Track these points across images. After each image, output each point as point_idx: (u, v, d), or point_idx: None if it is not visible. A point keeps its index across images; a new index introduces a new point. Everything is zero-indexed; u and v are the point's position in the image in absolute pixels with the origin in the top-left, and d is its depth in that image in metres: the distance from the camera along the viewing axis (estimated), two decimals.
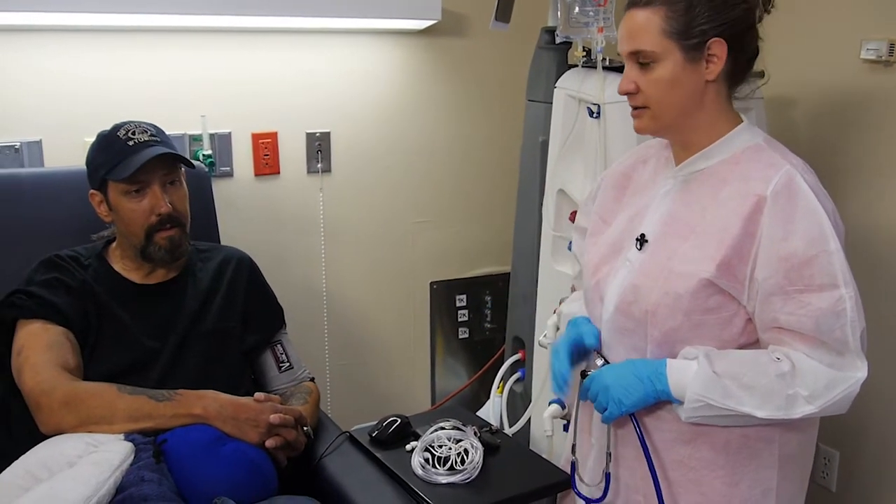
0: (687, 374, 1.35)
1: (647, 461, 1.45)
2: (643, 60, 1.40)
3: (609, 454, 1.53)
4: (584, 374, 1.50)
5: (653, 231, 1.47)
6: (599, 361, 1.50)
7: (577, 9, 2.00)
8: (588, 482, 1.59)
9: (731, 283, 1.36)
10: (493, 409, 2.43)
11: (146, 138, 1.77)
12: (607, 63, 2.00)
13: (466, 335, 2.85)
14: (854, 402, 1.35)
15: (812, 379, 1.32)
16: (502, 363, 2.50)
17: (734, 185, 1.38)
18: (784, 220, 1.32)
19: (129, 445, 1.52)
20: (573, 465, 1.62)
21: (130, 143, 1.75)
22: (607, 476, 1.53)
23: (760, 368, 1.33)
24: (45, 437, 1.57)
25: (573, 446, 1.63)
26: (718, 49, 1.37)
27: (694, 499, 1.45)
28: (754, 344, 1.40)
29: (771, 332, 1.36)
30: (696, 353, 1.36)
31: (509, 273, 2.53)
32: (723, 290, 1.36)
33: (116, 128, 1.79)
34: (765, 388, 1.32)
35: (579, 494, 1.60)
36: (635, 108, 1.45)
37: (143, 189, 1.76)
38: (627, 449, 1.51)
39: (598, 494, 1.55)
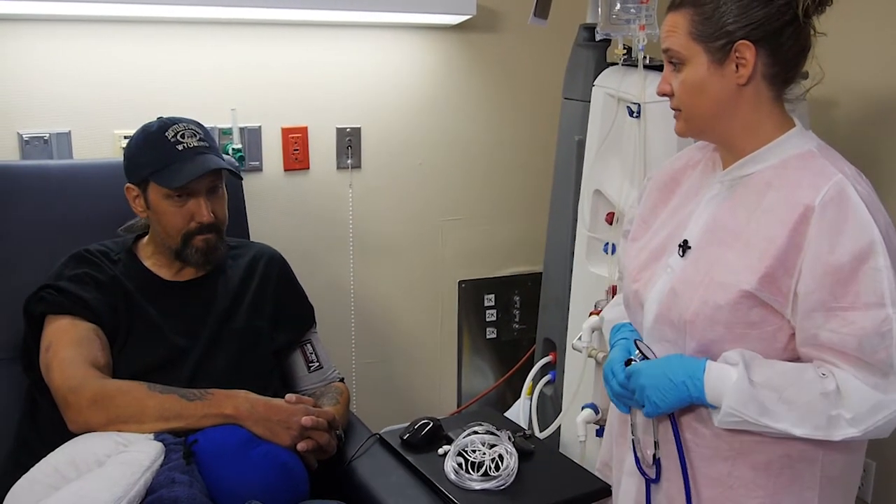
0: (725, 382, 1.29)
1: (680, 457, 1.40)
2: (673, 61, 1.38)
3: (656, 442, 1.46)
4: (627, 363, 1.44)
5: (696, 237, 1.42)
6: (638, 354, 1.43)
7: (618, 5, 1.95)
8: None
9: (774, 297, 1.30)
10: (522, 411, 2.39)
11: (195, 143, 1.73)
12: (648, 61, 1.95)
13: (494, 335, 2.81)
14: None
15: (857, 401, 1.25)
16: (531, 365, 2.46)
17: (781, 191, 1.32)
18: (832, 233, 1.26)
19: (158, 446, 1.49)
20: (633, 444, 1.53)
21: (179, 146, 1.71)
22: (658, 461, 1.47)
23: (804, 384, 1.27)
24: (72, 434, 1.55)
25: (632, 426, 1.55)
26: (746, 52, 1.31)
27: None
28: (798, 360, 1.34)
29: (810, 348, 1.30)
30: (737, 359, 1.30)
31: (539, 273, 2.50)
32: (765, 302, 1.30)
33: (164, 126, 1.73)
34: (806, 405, 1.26)
35: (642, 472, 1.52)
36: (674, 111, 1.43)
37: (187, 196, 1.72)
38: (665, 446, 1.46)
39: (653, 476, 1.49)
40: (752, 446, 1.35)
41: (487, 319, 2.79)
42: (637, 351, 1.43)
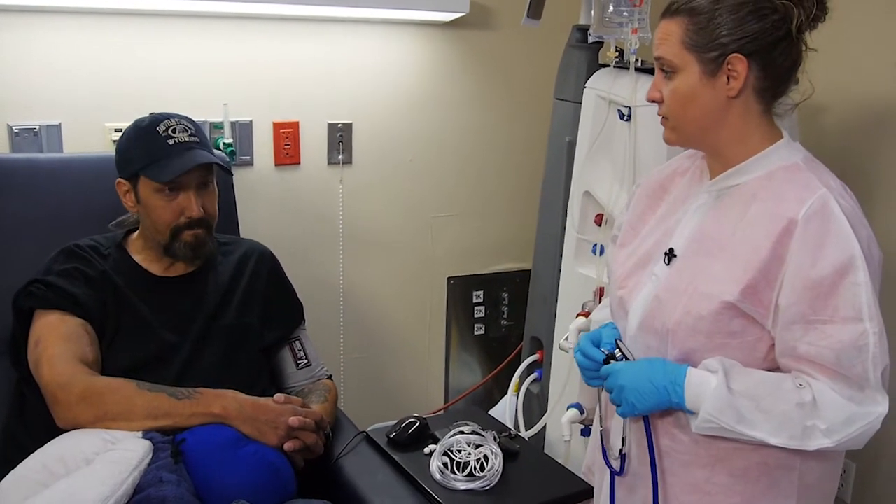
0: (705, 389, 1.30)
1: (651, 459, 1.41)
2: (665, 69, 1.38)
3: (624, 439, 1.49)
4: (606, 360, 1.44)
5: (682, 246, 1.43)
6: (618, 353, 1.44)
7: (611, 8, 1.96)
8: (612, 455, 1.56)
9: (755, 308, 1.31)
10: (508, 409, 2.41)
11: (186, 138, 1.73)
12: (640, 64, 1.96)
13: (482, 331, 2.83)
14: None
15: (832, 412, 1.27)
16: (518, 362, 2.48)
17: (766, 203, 1.33)
18: (814, 247, 1.27)
19: (147, 444, 1.49)
20: (601, 435, 1.57)
21: (170, 141, 1.71)
22: (623, 455, 1.50)
23: (782, 394, 1.28)
24: (60, 429, 1.55)
25: (601, 416, 1.58)
26: (738, 65, 1.32)
27: None
28: (778, 370, 1.36)
29: (789, 359, 1.32)
30: (717, 367, 1.31)
31: (527, 270, 2.51)
32: (746, 313, 1.32)
33: (155, 121, 1.74)
34: (782, 415, 1.28)
35: (608, 464, 1.55)
36: (661, 118, 1.43)
37: (177, 190, 1.73)
38: (640, 450, 1.48)
39: (617, 468, 1.52)
40: (731, 453, 1.37)
41: (476, 316, 2.81)
42: (617, 349, 1.44)
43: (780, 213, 1.30)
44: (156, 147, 1.71)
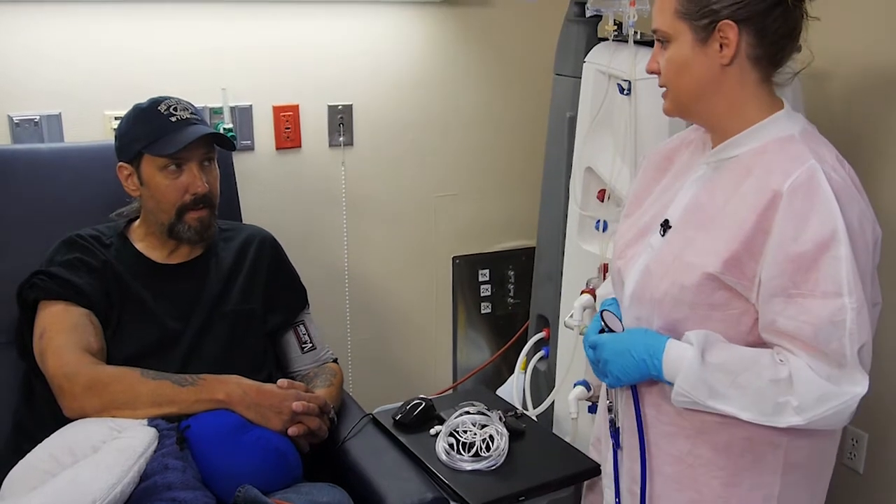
0: (681, 363, 1.30)
1: (639, 429, 1.42)
2: (660, 39, 1.39)
3: (611, 407, 1.52)
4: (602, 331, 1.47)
5: (676, 218, 1.43)
6: (604, 325, 1.46)
7: None
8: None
9: (738, 280, 1.30)
10: (516, 386, 2.41)
11: (187, 115, 1.76)
12: (639, 37, 1.94)
13: (489, 310, 2.82)
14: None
15: (805, 390, 1.26)
16: (525, 340, 2.47)
17: (757, 176, 1.32)
18: (797, 220, 1.25)
19: (152, 431, 1.51)
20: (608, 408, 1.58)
21: (173, 118, 1.74)
22: (617, 429, 1.53)
23: (758, 370, 1.28)
24: (67, 419, 1.56)
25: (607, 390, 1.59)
26: (729, 32, 1.31)
27: (689, 495, 1.42)
28: (762, 343, 1.34)
29: (770, 334, 1.31)
30: (694, 340, 1.31)
31: (532, 247, 2.50)
32: (728, 286, 1.31)
33: (156, 102, 1.77)
34: (756, 390, 1.27)
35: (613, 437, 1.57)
36: (662, 89, 1.43)
37: (181, 166, 1.74)
38: (627, 420, 1.49)
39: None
40: (714, 427, 1.37)
41: (482, 294, 2.80)
42: (602, 324, 1.46)
43: (767, 186, 1.29)
44: (158, 124, 1.73)
